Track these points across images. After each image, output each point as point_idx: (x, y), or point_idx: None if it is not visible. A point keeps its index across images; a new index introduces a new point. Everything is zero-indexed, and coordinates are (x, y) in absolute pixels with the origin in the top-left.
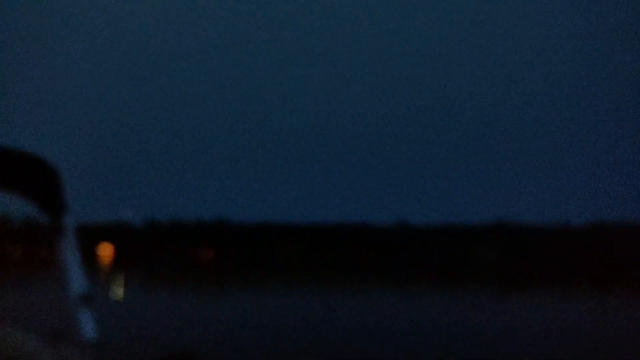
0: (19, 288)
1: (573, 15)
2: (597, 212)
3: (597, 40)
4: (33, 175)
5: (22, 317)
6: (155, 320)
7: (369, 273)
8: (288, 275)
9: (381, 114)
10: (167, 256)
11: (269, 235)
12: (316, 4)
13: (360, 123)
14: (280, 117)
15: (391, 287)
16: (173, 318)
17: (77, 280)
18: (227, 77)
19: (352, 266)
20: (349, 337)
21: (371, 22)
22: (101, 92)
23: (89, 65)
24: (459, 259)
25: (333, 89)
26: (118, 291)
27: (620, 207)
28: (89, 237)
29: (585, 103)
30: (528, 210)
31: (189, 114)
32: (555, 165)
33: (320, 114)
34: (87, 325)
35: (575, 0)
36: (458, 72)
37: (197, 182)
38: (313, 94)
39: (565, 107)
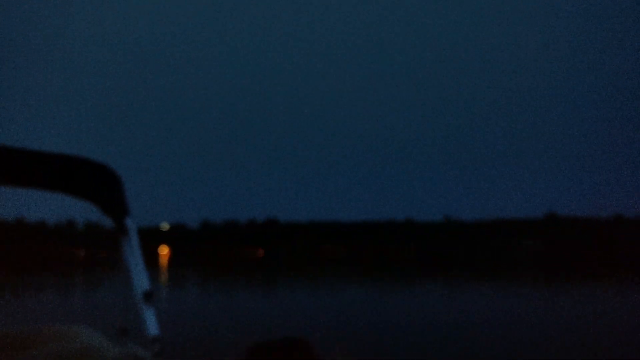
0: (84, 288)
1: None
2: None
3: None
4: (99, 182)
5: (89, 315)
6: (214, 316)
7: (418, 267)
8: (340, 270)
9: (429, 114)
10: (222, 254)
11: (318, 232)
12: (327, 5)
13: (406, 124)
14: (328, 122)
15: (440, 282)
16: (231, 312)
17: (139, 279)
18: (278, 84)
19: (400, 261)
20: (403, 330)
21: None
22: (161, 106)
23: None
24: (511, 252)
25: (376, 91)
26: (176, 288)
27: None
28: (150, 239)
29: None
30: (580, 203)
31: (241, 121)
32: (606, 158)
33: (368, 118)
34: (150, 322)
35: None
36: (501, 69)
37: (249, 185)
38: (358, 99)
39: (616, 103)
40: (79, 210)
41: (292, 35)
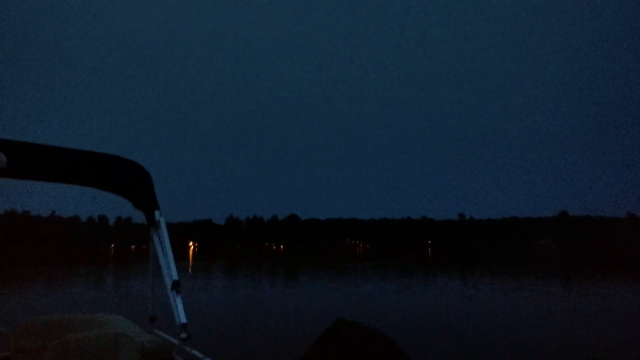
0: (116, 280)
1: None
2: None
3: None
4: (130, 178)
5: (120, 304)
6: (234, 305)
7: (433, 263)
8: (358, 264)
9: (444, 116)
10: (245, 248)
11: (338, 229)
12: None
13: (422, 125)
14: (349, 124)
15: (455, 277)
16: (249, 301)
17: (168, 269)
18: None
19: (416, 257)
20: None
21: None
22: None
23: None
24: (524, 250)
25: (394, 93)
26: (203, 279)
27: None
28: (180, 234)
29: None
30: (592, 202)
31: (267, 123)
32: (618, 159)
33: (385, 120)
34: (178, 310)
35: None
36: (515, 71)
37: (272, 183)
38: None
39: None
40: (110, 206)
41: (309, 36)
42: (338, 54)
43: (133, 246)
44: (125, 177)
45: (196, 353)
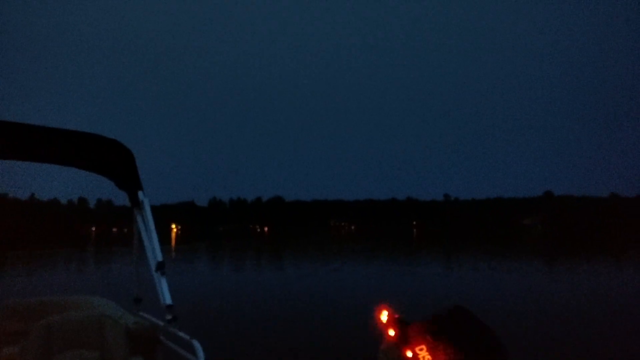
0: (98, 262)
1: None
2: None
3: None
4: (112, 157)
5: (105, 286)
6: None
7: (421, 243)
8: (343, 244)
9: (429, 97)
10: (229, 230)
11: (323, 210)
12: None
13: (406, 107)
14: (333, 105)
15: (441, 257)
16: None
17: (152, 250)
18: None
19: (403, 238)
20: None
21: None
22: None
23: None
24: (510, 229)
25: (378, 77)
26: (185, 261)
27: None
28: (162, 216)
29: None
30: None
31: (249, 105)
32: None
33: (370, 102)
34: (163, 291)
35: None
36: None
37: (255, 165)
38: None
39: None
40: (90, 189)
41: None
42: (324, 36)
43: (115, 229)
44: (107, 156)
45: (182, 334)
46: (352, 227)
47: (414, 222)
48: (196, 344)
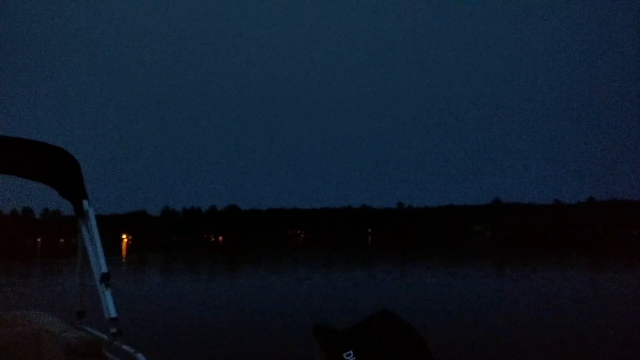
0: (42, 274)
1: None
2: (588, 191)
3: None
4: (56, 165)
5: (46, 300)
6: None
7: (375, 251)
8: (300, 253)
9: (382, 108)
10: (182, 240)
11: (279, 219)
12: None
13: (360, 117)
14: (287, 114)
15: (396, 264)
16: (180, 295)
17: (97, 262)
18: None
19: (358, 246)
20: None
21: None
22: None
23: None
24: (460, 237)
25: (331, 86)
26: (135, 272)
27: (610, 186)
28: (112, 226)
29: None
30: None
31: (202, 111)
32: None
33: (323, 111)
34: (108, 304)
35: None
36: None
37: (210, 173)
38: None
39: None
40: (35, 199)
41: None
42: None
43: (62, 240)
44: (50, 164)
45: (127, 348)
46: (309, 236)
47: (369, 230)
48: (141, 358)
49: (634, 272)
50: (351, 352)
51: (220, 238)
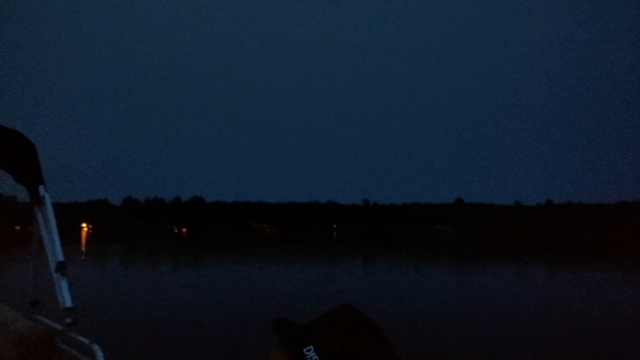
0: None
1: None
2: (547, 193)
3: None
4: (10, 148)
5: None
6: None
7: (337, 246)
8: (264, 246)
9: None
10: (144, 231)
11: (245, 212)
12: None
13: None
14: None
15: (358, 260)
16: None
17: (53, 250)
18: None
19: (322, 240)
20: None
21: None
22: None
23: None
24: (423, 235)
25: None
26: (94, 261)
27: (568, 188)
28: (73, 213)
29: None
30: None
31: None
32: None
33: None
34: (63, 293)
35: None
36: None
37: (174, 163)
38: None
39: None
40: None
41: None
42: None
43: (18, 227)
44: (4, 147)
45: (82, 339)
46: (274, 230)
47: (335, 226)
48: (96, 349)
49: (588, 272)
50: (311, 347)
51: (184, 229)
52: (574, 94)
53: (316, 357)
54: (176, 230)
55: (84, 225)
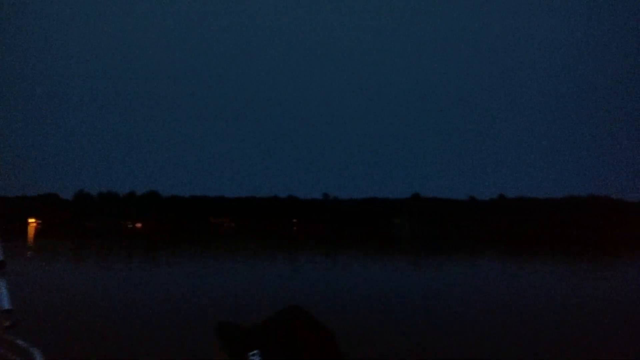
0: None
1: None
2: (501, 188)
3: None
4: None
5: None
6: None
7: (298, 241)
8: (221, 242)
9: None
10: (97, 226)
11: (202, 207)
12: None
13: (290, 106)
14: (211, 98)
15: (319, 254)
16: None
17: None
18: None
19: (281, 235)
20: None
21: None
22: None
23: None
24: (382, 228)
25: (263, 69)
26: (40, 259)
27: (522, 183)
28: (20, 208)
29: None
30: (442, 185)
31: (123, 89)
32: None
33: (252, 97)
34: (1, 295)
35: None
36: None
37: (129, 156)
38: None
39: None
40: None
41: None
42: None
43: None
44: None
45: (21, 342)
46: (233, 225)
47: (294, 220)
48: (36, 352)
49: (539, 264)
50: (257, 351)
51: (139, 225)
52: (526, 91)
53: None
54: (130, 226)
55: (31, 220)
